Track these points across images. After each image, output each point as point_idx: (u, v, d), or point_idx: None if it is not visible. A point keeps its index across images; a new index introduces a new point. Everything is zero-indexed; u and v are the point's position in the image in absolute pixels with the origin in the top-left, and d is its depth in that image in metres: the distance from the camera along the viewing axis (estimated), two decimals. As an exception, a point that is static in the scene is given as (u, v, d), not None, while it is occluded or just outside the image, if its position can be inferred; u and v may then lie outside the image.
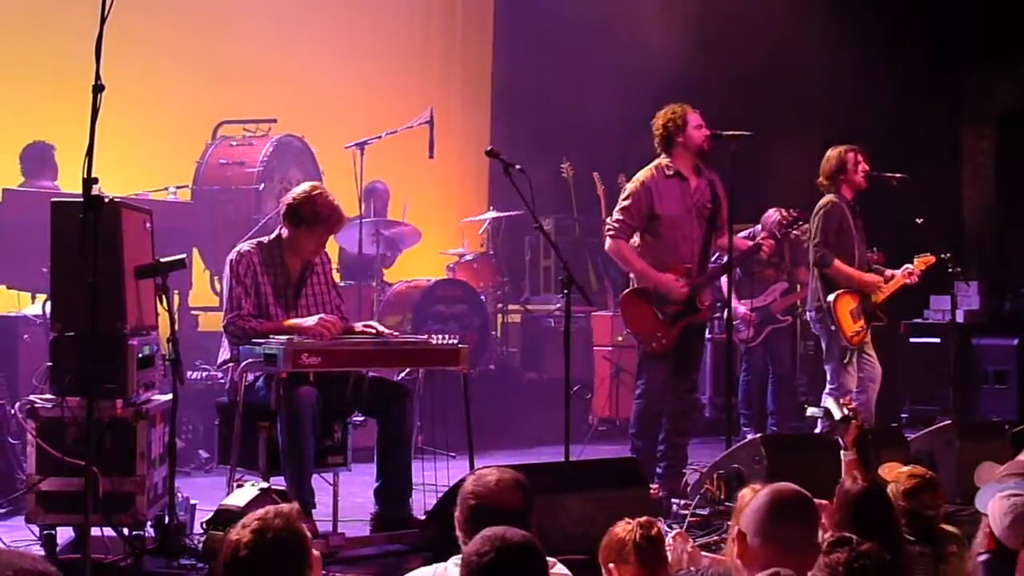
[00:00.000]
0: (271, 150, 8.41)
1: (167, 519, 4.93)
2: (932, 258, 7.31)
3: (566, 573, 3.19)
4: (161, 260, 4.91)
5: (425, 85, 11.04)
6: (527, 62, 10.75)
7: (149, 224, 5.33)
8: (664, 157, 6.40)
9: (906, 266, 7.24)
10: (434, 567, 3.30)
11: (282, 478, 5.07)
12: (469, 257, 9.50)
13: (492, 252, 9.82)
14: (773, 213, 8.16)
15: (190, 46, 9.38)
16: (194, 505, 5.22)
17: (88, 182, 4.08)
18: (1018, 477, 3.75)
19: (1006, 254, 11.22)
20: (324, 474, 5.51)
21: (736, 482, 5.42)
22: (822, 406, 5.23)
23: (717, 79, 9.76)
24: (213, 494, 5.28)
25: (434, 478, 5.59)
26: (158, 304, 5.01)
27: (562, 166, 10.36)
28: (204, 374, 7.30)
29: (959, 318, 9.51)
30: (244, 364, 5.10)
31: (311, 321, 5.26)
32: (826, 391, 6.97)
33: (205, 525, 4.54)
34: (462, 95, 11.62)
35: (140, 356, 4.94)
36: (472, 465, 5.11)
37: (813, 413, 5.42)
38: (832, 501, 3.83)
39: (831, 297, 6.95)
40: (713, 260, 6.98)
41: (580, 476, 5.02)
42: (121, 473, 4.77)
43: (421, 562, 3.93)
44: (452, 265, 9.49)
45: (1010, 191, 11.30)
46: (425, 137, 8.42)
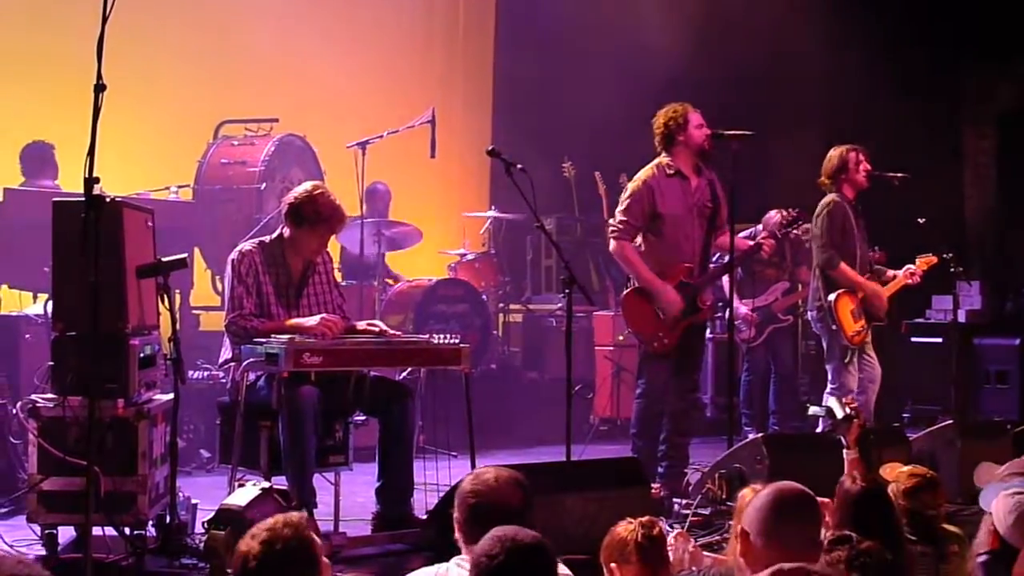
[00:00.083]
0: (273, 149, 8.41)
1: (168, 519, 4.93)
2: (934, 258, 7.31)
3: (567, 573, 3.18)
4: (163, 259, 4.91)
5: (427, 85, 11.05)
6: (528, 62, 10.75)
7: (151, 223, 5.34)
8: (665, 156, 6.38)
9: (908, 266, 7.25)
10: (436, 567, 3.29)
11: (283, 477, 5.07)
12: (471, 257, 9.50)
13: (494, 252, 9.82)
14: (774, 214, 8.16)
15: (191, 45, 9.39)
16: (195, 505, 5.22)
17: (90, 181, 4.07)
18: (1022, 476, 3.74)
19: (1007, 254, 11.21)
20: (325, 473, 5.51)
21: (738, 482, 5.41)
22: (824, 405, 5.22)
23: (718, 79, 9.76)
24: (214, 493, 5.27)
25: (435, 478, 5.59)
26: (159, 303, 5.02)
27: (563, 165, 10.36)
28: (206, 373, 7.30)
29: (961, 318, 9.50)
30: (246, 363, 5.10)
31: (313, 321, 5.26)
32: (827, 391, 6.97)
33: (206, 525, 4.53)
34: (464, 95, 11.62)
35: (141, 355, 4.94)
36: (474, 464, 5.11)
37: (815, 412, 5.41)
38: (834, 500, 3.84)
39: (832, 297, 6.95)
40: (714, 260, 6.97)
41: (581, 476, 5.01)
42: (122, 473, 4.78)
43: (423, 562, 3.92)
44: (454, 265, 9.49)
45: (1011, 191, 11.30)
46: (427, 137, 8.42)
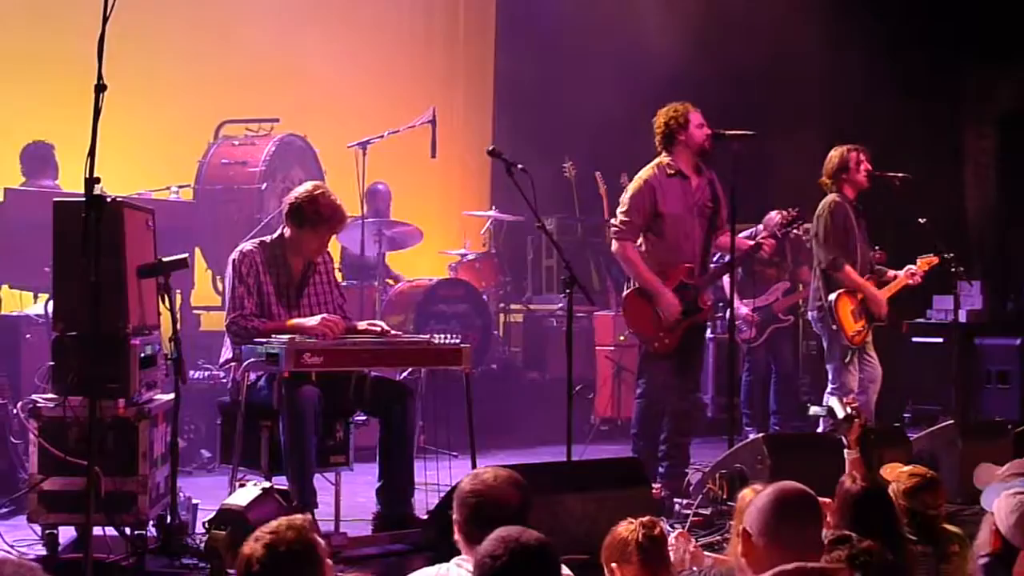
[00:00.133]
0: (273, 150, 8.41)
1: (169, 519, 4.93)
2: (935, 259, 7.31)
3: (568, 574, 3.18)
4: (163, 259, 4.92)
5: (427, 85, 11.05)
6: (529, 62, 10.76)
7: (151, 223, 5.33)
8: (665, 156, 6.37)
9: (909, 266, 7.24)
10: (437, 567, 3.30)
11: (284, 478, 5.07)
12: (471, 257, 9.50)
13: (494, 252, 9.82)
14: (775, 215, 8.15)
15: (192, 46, 9.40)
16: (196, 505, 5.22)
17: (90, 181, 4.07)
18: (1023, 476, 3.74)
19: (1008, 254, 11.20)
20: (326, 474, 5.51)
21: (739, 482, 5.40)
22: (825, 405, 5.22)
23: (718, 78, 9.76)
24: (215, 493, 5.27)
25: (436, 478, 5.59)
26: (160, 303, 5.02)
27: (564, 165, 10.36)
28: (206, 373, 7.30)
29: (962, 318, 9.51)
30: (246, 363, 5.09)
31: (314, 321, 5.26)
32: (828, 391, 6.96)
33: (207, 525, 4.53)
34: (464, 95, 11.63)
35: (142, 355, 4.94)
36: (475, 464, 5.11)
37: (816, 412, 5.41)
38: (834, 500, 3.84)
39: (832, 296, 6.94)
40: (714, 260, 6.96)
41: (582, 476, 5.01)
42: (123, 473, 4.78)
43: (424, 562, 3.92)
44: (454, 265, 9.49)
45: (1012, 191, 11.29)
46: (427, 137, 8.42)
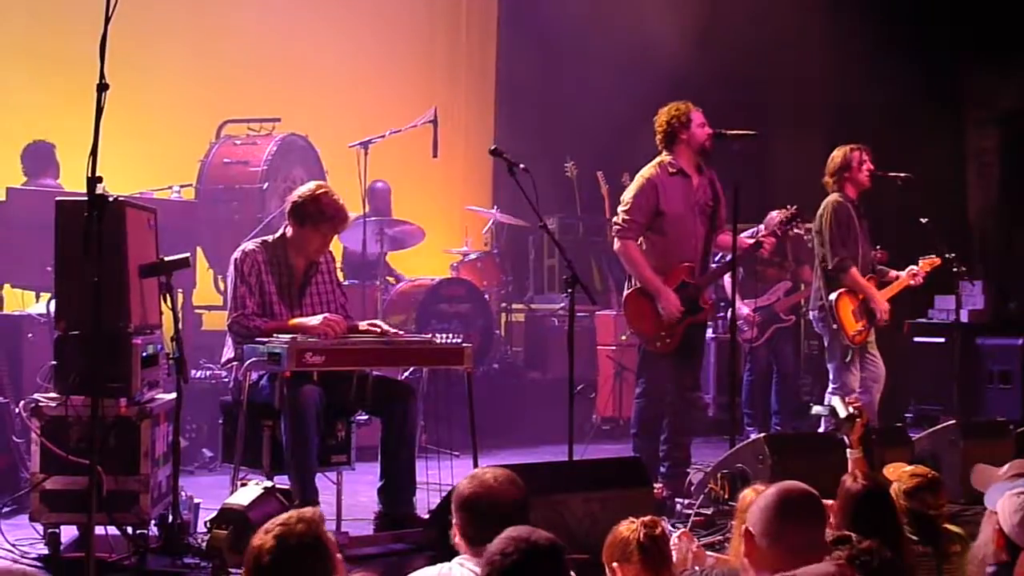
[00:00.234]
0: (275, 149, 8.41)
1: (171, 518, 4.92)
2: (937, 260, 7.31)
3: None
4: (165, 259, 4.92)
5: (429, 84, 11.06)
6: (531, 61, 10.76)
7: (153, 223, 5.34)
8: (666, 155, 6.37)
9: (911, 267, 7.24)
10: (438, 566, 3.29)
11: (286, 477, 5.07)
12: (473, 256, 9.50)
13: (496, 251, 9.82)
14: (775, 214, 8.15)
15: (194, 45, 9.40)
16: (198, 504, 5.22)
17: (92, 181, 4.07)
18: (1025, 476, 3.73)
19: (1011, 254, 11.20)
20: (328, 473, 5.51)
21: (740, 481, 5.40)
22: (828, 404, 5.22)
23: (720, 78, 9.76)
24: (217, 493, 5.28)
25: (438, 477, 5.59)
26: (162, 303, 5.02)
27: (566, 165, 10.36)
28: (208, 373, 7.30)
29: (963, 318, 9.51)
30: (248, 363, 5.09)
31: (315, 320, 5.26)
32: (829, 390, 6.96)
33: (209, 524, 4.53)
34: (466, 94, 11.63)
35: (144, 355, 4.94)
36: (476, 464, 5.11)
37: (818, 411, 5.41)
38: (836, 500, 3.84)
39: (833, 296, 6.94)
40: (715, 259, 6.95)
41: (584, 475, 5.00)
42: (125, 472, 4.78)
43: (425, 561, 3.92)
44: (456, 264, 9.49)
45: (1014, 191, 11.28)
46: (429, 136, 8.42)
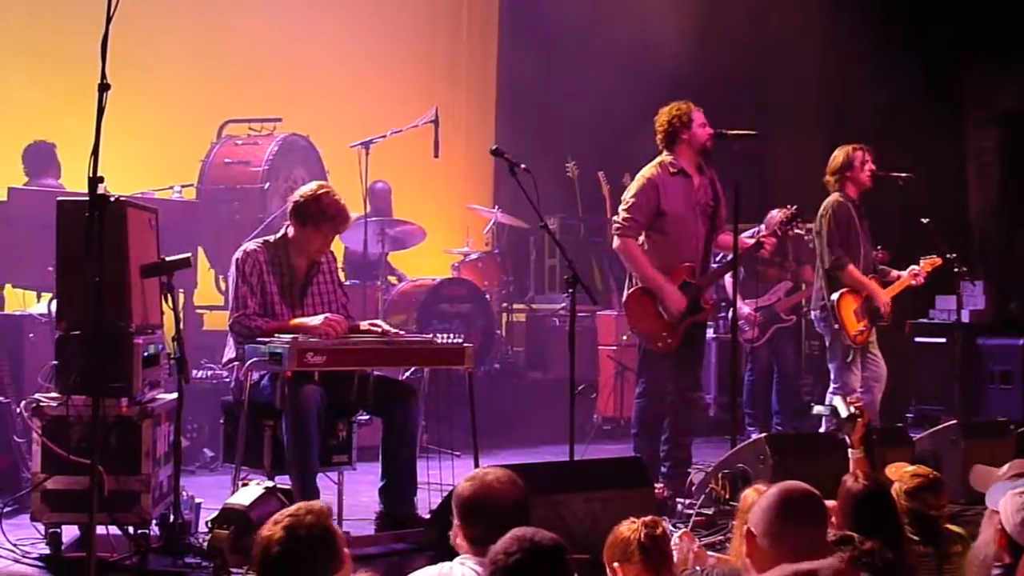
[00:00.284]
0: (276, 149, 8.41)
1: (172, 518, 4.92)
2: (939, 260, 7.30)
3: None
4: (166, 259, 4.91)
5: (430, 84, 11.06)
6: (532, 62, 10.76)
7: (154, 223, 5.34)
8: (667, 155, 6.36)
9: (912, 267, 7.23)
10: (439, 566, 3.30)
11: (287, 477, 5.08)
12: (474, 256, 9.50)
13: (497, 251, 9.82)
14: (776, 213, 8.15)
15: (195, 45, 9.40)
16: (199, 504, 5.22)
17: (94, 181, 4.08)
18: (1026, 476, 3.73)
19: (1011, 254, 11.19)
20: (329, 473, 5.51)
21: (741, 481, 5.40)
22: (829, 404, 5.22)
23: (720, 79, 9.75)
24: (218, 493, 5.28)
25: (439, 477, 5.58)
26: (163, 303, 5.01)
27: (567, 165, 10.36)
28: (209, 373, 7.31)
29: (964, 318, 9.50)
30: (249, 363, 5.09)
31: (317, 320, 5.26)
32: (830, 390, 6.96)
33: (210, 524, 4.54)
34: (467, 94, 11.64)
35: (145, 355, 4.95)
36: (477, 464, 5.11)
37: (820, 411, 5.42)
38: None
39: (835, 296, 6.94)
40: (716, 259, 6.95)
41: (584, 476, 5.00)
42: (126, 472, 4.79)
43: (426, 561, 3.92)
44: (457, 264, 9.49)
45: (1015, 190, 11.27)
46: (430, 136, 8.42)
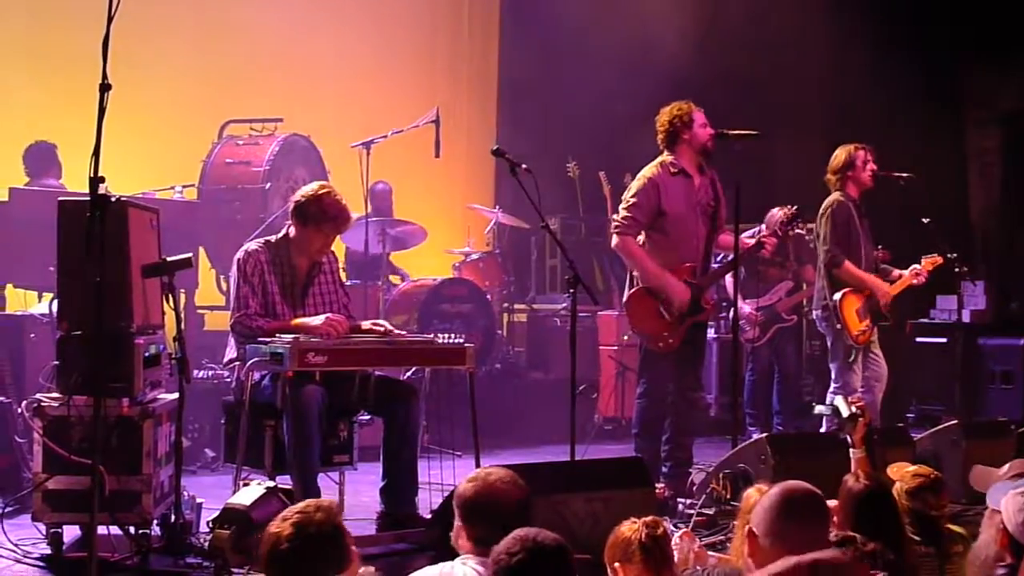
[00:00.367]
0: (277, 149, 8.42)
1: (173, 518, 4.92)
2: (940, 259, 7.29)
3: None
4: (167, 259, 4.91)
5: (431, 84, 11.07)
6: (533, 62, 10.76)
7: (155, 223, 5.34)
8: (668, 155, 6.36)
9: (913, 266, 7.23)
10: (440, 566, 3.30)
11: (288, 477, 5.08)
12: (475, 256, 9.51)
13: (498, 251, 9.82)
14: (777, 212, 8.15)
15: (196, 45, 9.41)
16: (200, 504, 5.22)
17: (95, 181, 4.08)
18: (1029, 476, 3.73)
19: (1012, 254, 11.19)
20: (330, 473, 5.52)
21: (742, 481, 5.40)
22: (830, 404, 5.22)
23: (720, 79, 9.76)
24: (219, 493, 5.28)
25: (440, 477, 5.58)
26: (164, 303, 5.01)
27: (568, 165, 10.36)
28: (210, 373, 7.31)
29: (965, 318, 9.50)
30: (250, 363, 5.09)
31: (318, 320, 5.26)
32: (831, 390, 6.96)
33: (211, 524, 4.54)
34: (468, 94, 11.64)
35: (146, 355, 4.94)
36: (478, 464, 5.11)
37: (821, 411, 5.42)
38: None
39: (837, 296, 6.94)
40: (717, 259, 6.94)
41: (585, 476, 5.00)
42: (127, 472, 4.79)
43: (427, 561, 3.92)
44: (458, 264, 9.50)
45: (1016, 190, 11.27)
46: (431, 136, 8.43)
